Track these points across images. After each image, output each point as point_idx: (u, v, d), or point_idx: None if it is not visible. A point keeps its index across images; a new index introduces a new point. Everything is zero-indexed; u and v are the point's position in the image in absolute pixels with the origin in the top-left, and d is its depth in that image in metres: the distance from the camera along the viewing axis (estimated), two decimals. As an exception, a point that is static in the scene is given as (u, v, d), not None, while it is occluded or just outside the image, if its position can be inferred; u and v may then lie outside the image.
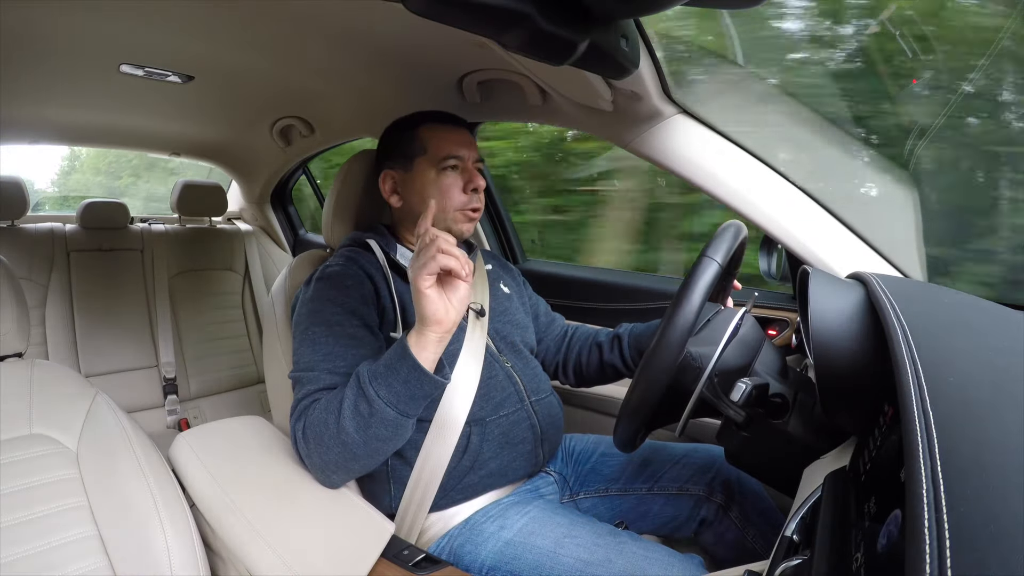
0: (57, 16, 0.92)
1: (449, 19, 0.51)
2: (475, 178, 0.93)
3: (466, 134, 0.97)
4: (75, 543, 0.65)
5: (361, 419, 0.70)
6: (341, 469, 0.75)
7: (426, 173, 0.93)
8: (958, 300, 0.63)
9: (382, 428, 0.71)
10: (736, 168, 0.92)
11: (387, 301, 0.88)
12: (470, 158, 0.94)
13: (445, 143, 0.93)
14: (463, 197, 0.93)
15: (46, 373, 0.78)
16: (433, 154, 0.93)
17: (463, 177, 0.93)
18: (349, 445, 0.72)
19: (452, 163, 0.92)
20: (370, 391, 0.70)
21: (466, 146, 0.94)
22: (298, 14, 0.91)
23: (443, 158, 0.92)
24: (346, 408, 0.71)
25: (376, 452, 0.74)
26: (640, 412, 0.72)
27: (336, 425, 0.71)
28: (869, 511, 0.42)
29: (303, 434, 0.75)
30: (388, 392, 0.70)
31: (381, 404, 0.70)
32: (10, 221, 1.77)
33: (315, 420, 0.74)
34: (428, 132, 0.94)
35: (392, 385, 0.70)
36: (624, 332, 1.05)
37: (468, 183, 0.93)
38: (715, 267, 0.70)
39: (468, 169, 0.94)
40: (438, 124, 0.96)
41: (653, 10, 0.51)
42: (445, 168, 0.92)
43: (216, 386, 1.98)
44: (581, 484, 1.00)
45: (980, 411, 0.36)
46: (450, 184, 0.92)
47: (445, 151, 0.93)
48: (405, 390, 0.70)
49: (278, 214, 2.30)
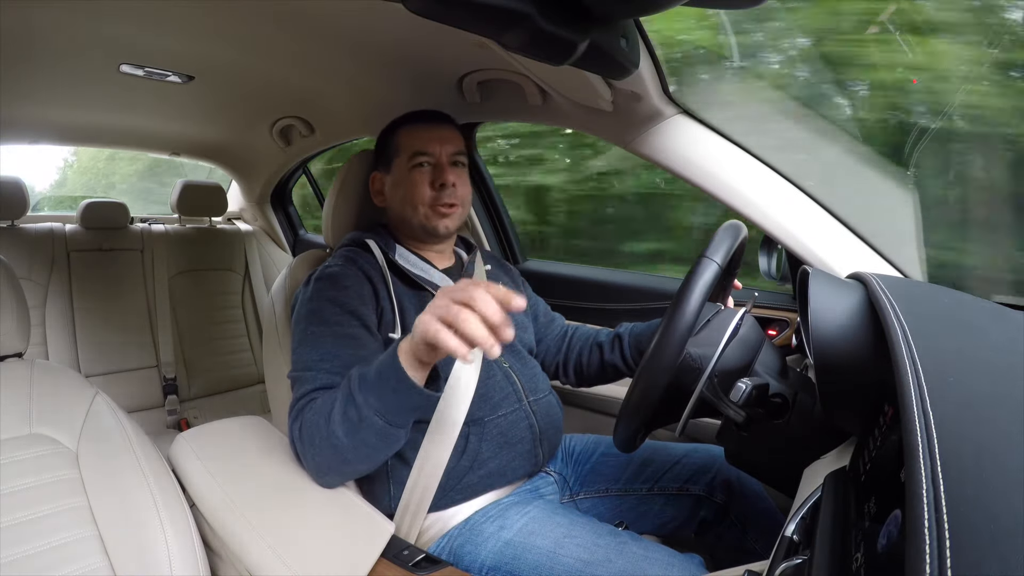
0: (57, 16, 0.92)
1: (449, 19, 0.51)
2: (444, 173, 0.94)
3: (443, 129, 0.97)
4: (75, 543, 0.65)
5: (350, 424, 0.70)
6: (334, 471, 0.75)
7: (402, 172, 0.95)
8: (958, 300, 0.63)
9: (371, 436, 0.70)
10: (736, 168, 0.92)
11: (386, 302, 0.88)
12: (443, 153, 0.95)
13: (414, 140, 0.95)
14: (431, 193, 0.93)
15: (46, 373, 0.78)
16: (405, 152, 0.95)
17: (432, 173, 0.94)
18: (339, 449, 0.71)
19: (420, 160, 0.94)
20: (359, 398, 0.69)
21: (437, 141, 0.95)
22: (298, 14, 0.91)
23: (412, 155, 0.94)
24: (336, 412, 0.70)
25: (367, 458, 0.74)
26: (640, 412, 0.72)
27: (327, 428, 0.71)
28: (869, 511, 0.42)
29: (299, 434, 0.75)
30: (378, 401, 0.68)
31: (370, 412, 0.68)
32: (10, 221, 1.77)
33: (309, 421, 0.74)
34: (404, 132, 0.97)
35: (382, 394, 0.68)
36: (624, 332, 1.05)
37: (436, 179, 0.94)
38: (715, 267, 0.70)
39: (440, 164, 0.94)
40: (414, 123, 0.97)
41: (653, 10, 0.51)
42: (414, 165, 0.94)
43: (216, 386, 1.98)
44: (581, 484, 1.00)
45: (980, 411, 0.36)
46: (418, 180, 0.94)
47: (413, 148, 0.94)
48: (394, 400, 0.68)
49: (278, 214, 2.30)
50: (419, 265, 0.95)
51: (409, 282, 0.92)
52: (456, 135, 0.98)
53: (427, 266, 0.96)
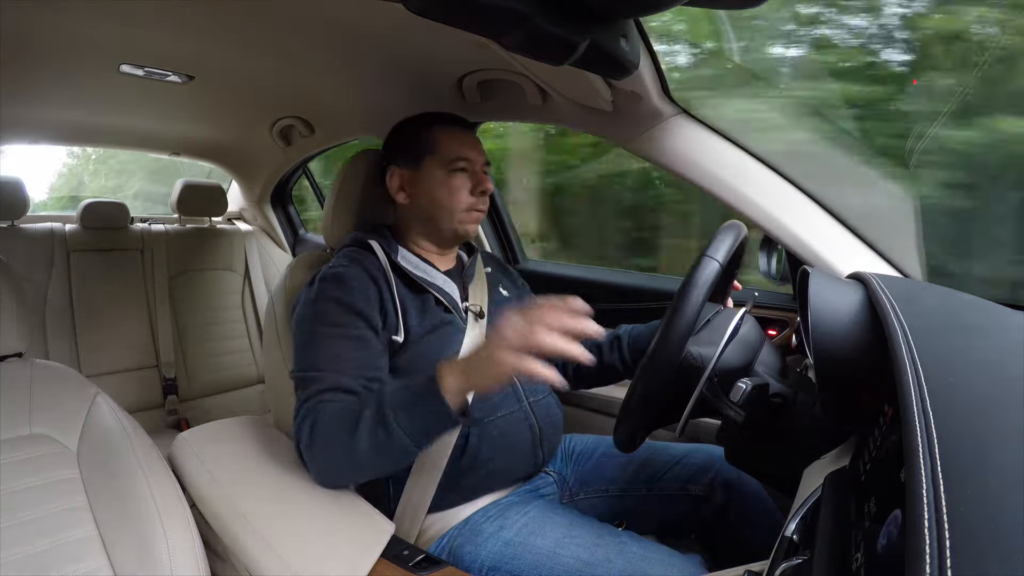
0: (57, 16, 0.92)
1: (449, 19, 0.51)
2: (484, 181, 0.95)
3: (475, 137, 0.98)
4: (75, 543, 0.65)
5: (376, 441, 0.71)
6: (343, 477, 0.77)
7: (435, 173, 0.94)
8: (958, 300, 0.63)
9: (395, 453, 0.72)
10: (736, 168, 0.92)
11: (389, 304, 0.87)
12: (478, 161, 0.95)
13: (456, 144, 0.94)
14: (471, 199, 0.94)
15: (46, 373, 0.78)
16: (443, 155, 0.93)
17: (472, 179, 0.94)
18: (358, 462, 0.73)
19: (462, 165, 0.93)
20: (391, 421, 0.70)
21: (475, 149, 0.95)
22: (298, 14, 0.91)
23: (453, 159, 0.93)
24: (363, 428, 0.71)
25: (382, 469, 0.77)
26: (640, 412, 0.72)
27: (349, 440, 0.71)
28: (869, 511, 0.42)
29: (310, 437, 0.74)
30: (411, 425, 0.70)
31: (400, 434, 0.70)
32: (10, 221, 1.77)
33: (326, 428, 0.73)
34: (439, 133, 0.95)
35: (414, 418, 0.70)
36: (624, 333, 1.05)
37: (477, 185, 0.94)
38: (715, 267, 0.70)
39: (476, 172, 0.95)
40: (449, 126, 0.97)
41: (653, 10, 0.51)
42: (455, 170, 0.93)
43: (216, 386, 1.98)
44: (581, 484, 1.00)
45: (980, 411, 0.36)
46: (459, 185, 0.93)
47: (456, 152, 0.93)
48: (424, 424, 0.70)
49: (278, 214, 2.30)
50: (421, 267, 0.95)
51: (411, 284, 0.92)
52: (481, 144, 0.99)
53: (429, 268, 0.96)
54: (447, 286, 0.95)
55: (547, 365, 0.63)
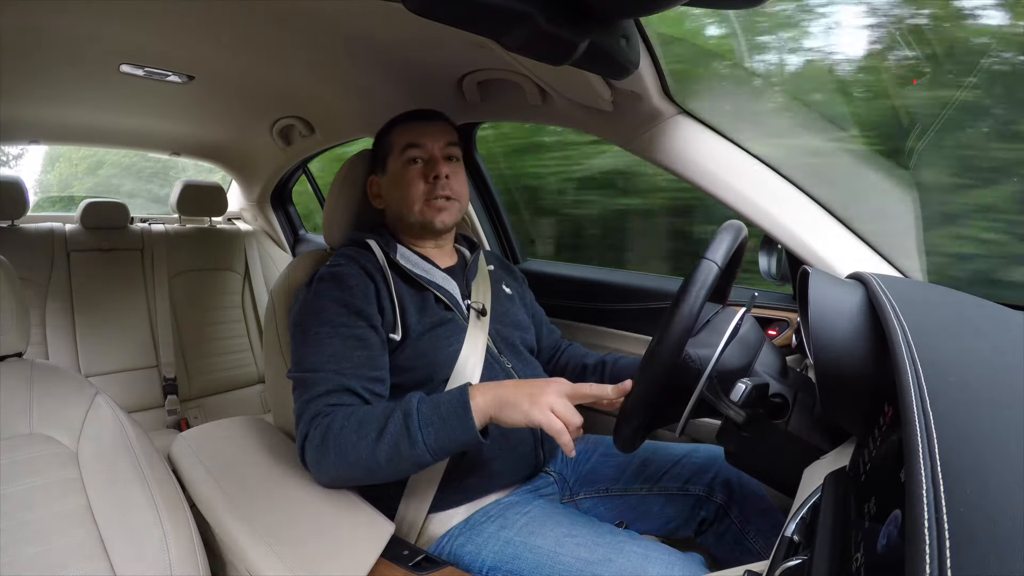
0: (57, 16, 0.92)
1: (449, 19, 0.51)
2: (437, 165, 0.94)
3: (436, 125, 0.97)
4: (75, 544, 0.65)
5: (397, 453, 0.72)
6: (352, 482, 0.78)
7: (395, 170, 0.96)
8: (958, 300, 0.63)
9: (412, 465, 0.74)
10: (736, 168, 0.92)
11: (387, 302, 0.87)
12: (435, 146, 0.95)
13: (408, 135, 0.95)
14: (424, 186, 0.93)
15: (46, 373, 0.78)
16: (397, 150, 0.95)
17: (425, 167, 0.94)
18: (375, 471, 0.73)
19: (413, 153, 0.94)
20: (417, 435, 0.71)
21: (429, 135, 0.95)
22: (298, 14, 0.91)
23: (404, 149, 0.94)
24: (386, 440, 0.72)
25: (393, 478, 0.77)
26: (640, 412, 0.72)
27: (368, 450, 0.72)
28: (869, 511, 0.42)
29: (318, 441, 0.74)
30: (436, 442, 0.72)
31: (423, 449, 0.71)
32: (10, 221, 1.77)
33: (340, 435, 0.74)
34: (396, 131, 0.97)
35: (440, 436, 0.72)
36: (610, 360, 1.05)
37: (429, 172, 0.94)
38: (715, 268, 0.70)
39: (433, 157, 0.95)
40: (406, 121, 0.98)
41: (653, 10, 0.51)
42: (407, 161, 0.94)
43: (216, 386, 1.98)
44: (581, 484, 1.00)
45: (980, 411, 0.36)
46: (413, 177, 0.94)
47: (405, 141, 0.94)
48: (449, 440, 0.72)
49: (278, 214, 2.30)
50: (421, 265, 0.95)
51: (411, 282, 0.92)
52: (449, 128, 0.98)
53: (429, 266, 0.96)
54: (447, 284, 0.95)
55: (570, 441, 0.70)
